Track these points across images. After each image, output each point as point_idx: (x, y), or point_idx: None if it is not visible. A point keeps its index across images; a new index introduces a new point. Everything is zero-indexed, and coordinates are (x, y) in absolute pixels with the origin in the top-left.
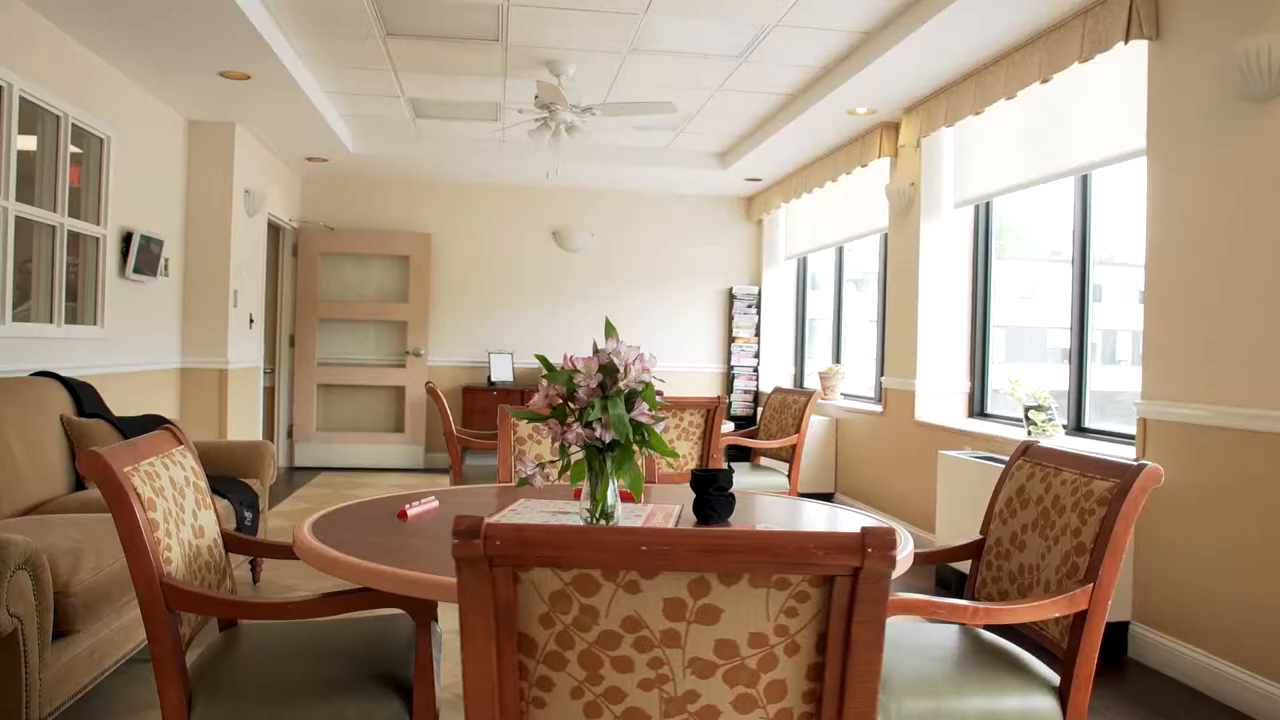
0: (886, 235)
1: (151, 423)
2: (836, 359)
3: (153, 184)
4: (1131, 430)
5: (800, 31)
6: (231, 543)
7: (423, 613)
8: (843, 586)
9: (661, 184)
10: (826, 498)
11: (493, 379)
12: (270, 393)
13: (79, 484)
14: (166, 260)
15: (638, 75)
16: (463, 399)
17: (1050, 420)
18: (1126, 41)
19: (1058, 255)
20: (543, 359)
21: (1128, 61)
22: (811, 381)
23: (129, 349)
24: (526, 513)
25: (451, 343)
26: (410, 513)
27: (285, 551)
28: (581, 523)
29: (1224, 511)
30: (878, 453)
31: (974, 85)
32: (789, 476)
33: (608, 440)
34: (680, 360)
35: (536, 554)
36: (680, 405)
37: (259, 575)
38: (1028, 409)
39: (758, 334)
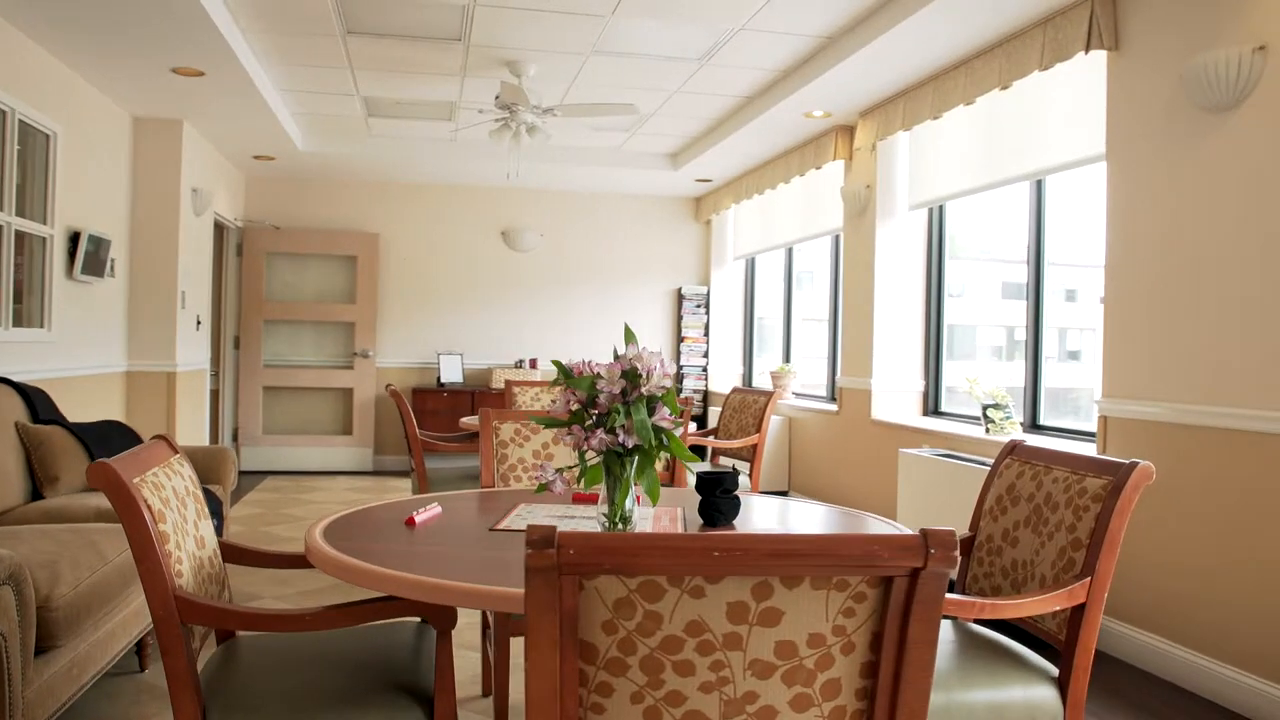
0: (838, 237)
1: (109, 429)
2: (786, 359)
3: (98, 183)
4: (1083, 426)
5: (764, 35)
6: (229, 553)
7: (444, 620)
8: (901, 586)
9: (612, 184)
10: (781, 495)
11: (442, 380)
12: (215, 396)
13: (36, 494)
14: (113, 261)
15: (598, 77)
16: (412, 401)
17: (1008, 418)
18: (1087, 51)
19: (985, 254)
20: (559, 365)
21: (1083, 70)
22: (761, 381)
23: (76, 352)
24: (531, 517)
25: (400, 344)
26: (418, 519)
27: (286, 561)
28: (599, 527)
29: (1183, 505)
30: (833, 451)
31: (933, 90)
32: (750, 475)
33: (630, 445)
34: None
35: (610, 562)
36: None
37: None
38: (985, 407)
39: (707, 334)
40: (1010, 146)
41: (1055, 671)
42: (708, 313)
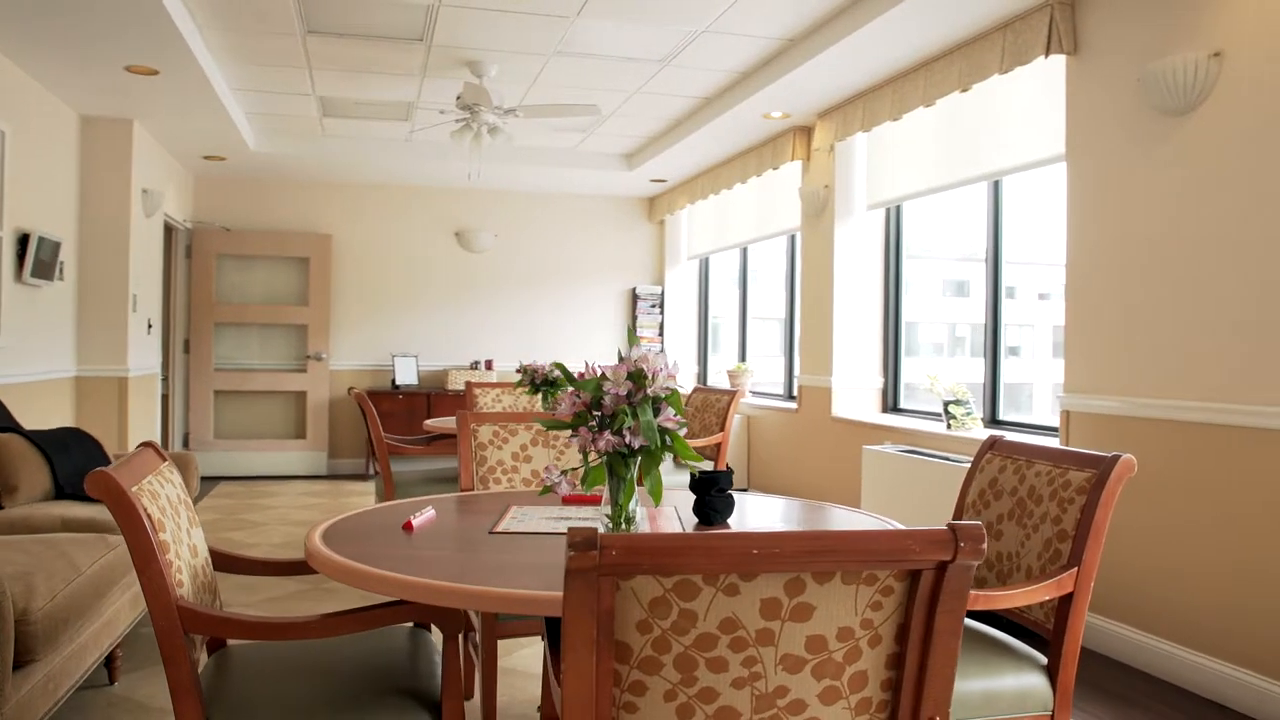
0: (794, 236)
1: (68, 436)
2: (742, 358)
3: (47, 184)
4: (1032, 421)
5: (727, 37)
6: (219, 561)
7: (452, 624)
8: (928, 579)
9: (566, 185)
10: (741, 492)
11: (397, 382)
12: (165, 400)
13: None
14: (62, 264)
15: (558, 77)
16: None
17: (969, 414)
18: (1047, 55)
19: (926, 253)
20: (561, 366)
21: (1039, 73)
22: (716, 380)
23: (24, 358)
24: (527, 519)
25: (354, 346)
26: (415, 523)
27: (275, 568)
28: (602, 528)
29: (1144, 496)
30: (794, 448)
31: (892, 92)
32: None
33: (637, 446)
34: (585, 362)
35: (650, 562)
36: None
37: None
38: (947, 403)
39: (661, 334)
40: (968, 148)
41: (1044, 660)
42: (662, 312)
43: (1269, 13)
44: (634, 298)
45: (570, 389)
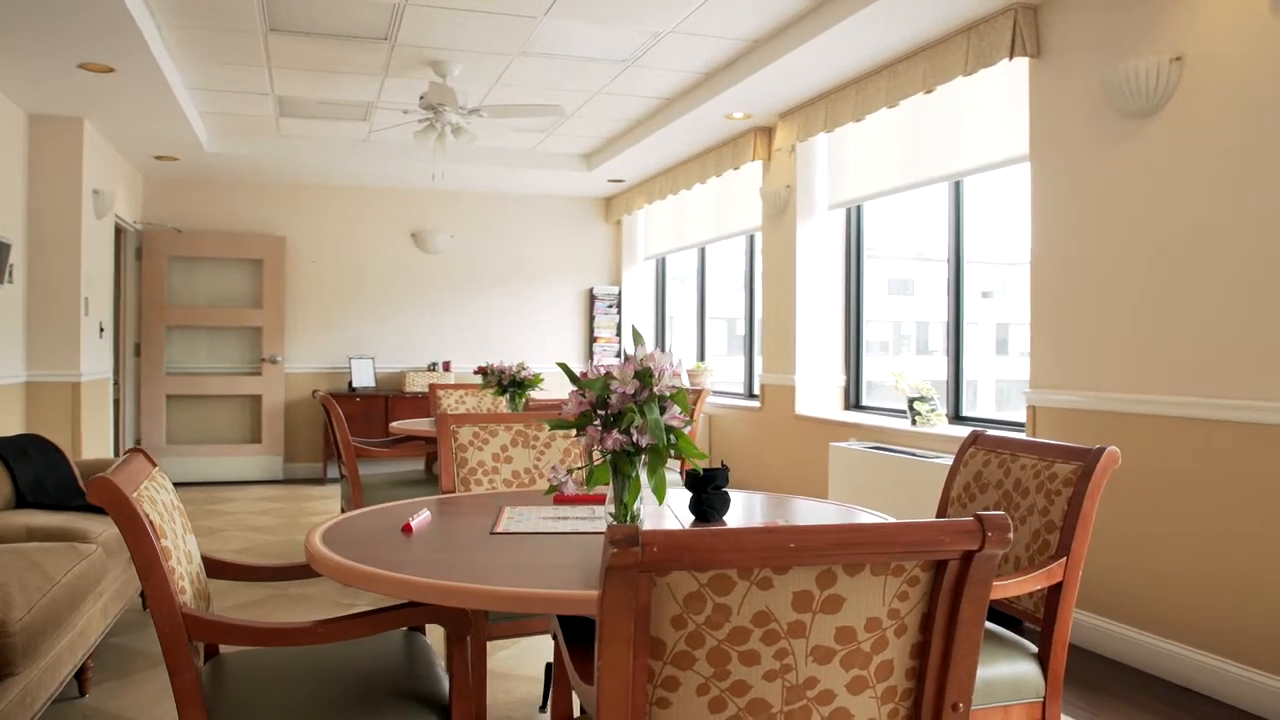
0: (753, 236)
1: (28, 442)
2: (701, 357)
3: None
4: (999, 417)
5: (692, 38)
6: (211, 568)
7: (461, 626)
8: (953, 569)
9: (523, 185)
10: None
11: (354, 385)
12: (115, 405)
13: None
14: (11, 266)
15: (521, 77)
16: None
17: (934, 410)
18: (1011, 58)
19: (870, 253)
20: (564, 366)
21: (1003, 75)
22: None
23: None
24: (525, 520)
25: (310, 349)
26: (414, 526)
27: (269, 574)
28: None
29: (1110, 487)
30: (757, 446)
31: (855, 93)
32: (680, 472)
33: (645, 445)
34: (543, 361)
35: (690, 558)
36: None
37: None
38: (912, 400)
39: (619, 334)
40: (930, 148)
41: (1034, 649)
42: (620, 312)
43: (1228, 18)
44: (591, 298)
45: (574, 389)
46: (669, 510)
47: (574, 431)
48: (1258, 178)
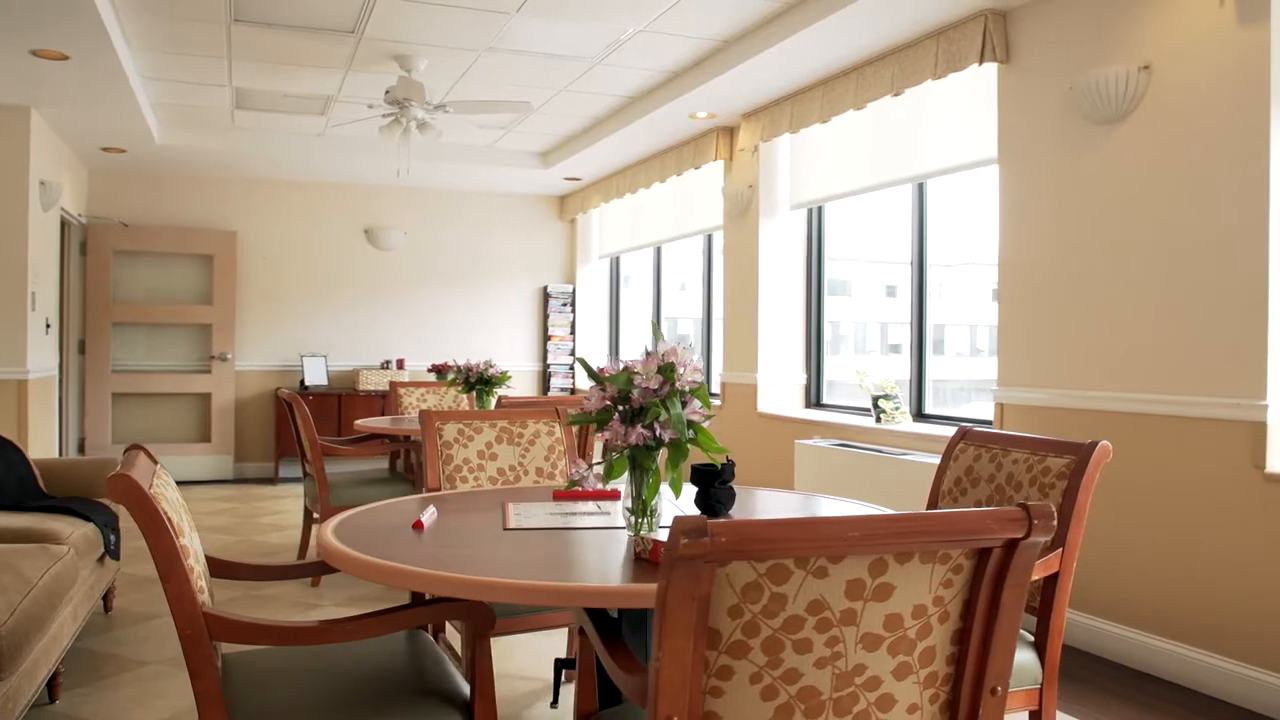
0: (712, 236)
1: None
2: None
3: None
4: (960, 415)
5: (663, 37)
6: (216, 568)
7: (484, 622)
8: (997, 556)
9: (478, 182)
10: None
11: (306, 383)
12: (59, 404)
13: None
14: None
15: (487, 73)
16: (275, 405)
17: (898, 409)
18: (981, 63)
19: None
20: (583, 362)
21: (968, 79)
22: None
23: None
24: (533, 516)
25: (261, 346)
26: (425, 522)
27: (273, 573)
28: (624, 521)
29: None
30: (720, 443)
31: (822, 94)
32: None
33: (668, 439)
34: (497, 360)
35: (758, 548)
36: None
37: (111, 605)
38: (876, 398)
39: (573, 332)
40: (895, 150)
41: (1031, 637)
42: (574, 311)
43: (1194, 29)
44: (545, 296)
45: (593, 384)
46: (676, 505)
47: (557, 429)
48: (1220, 183)
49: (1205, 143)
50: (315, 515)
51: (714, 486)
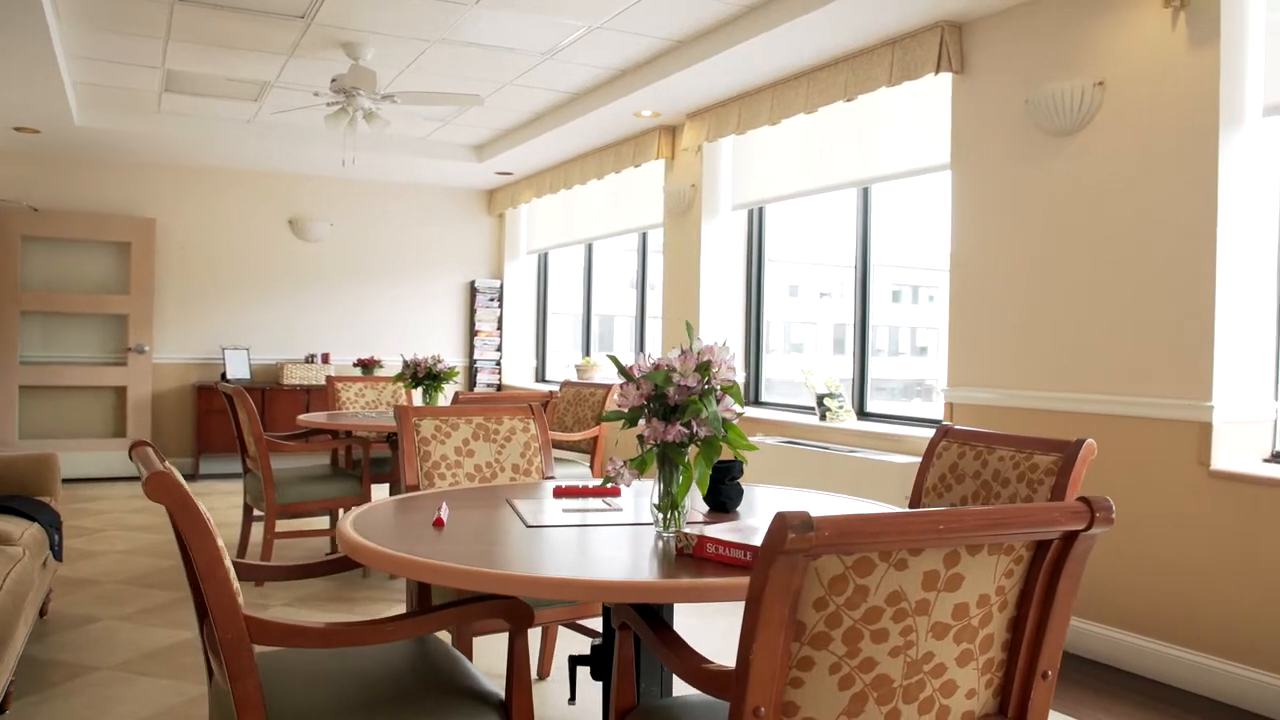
0: (646, 235)
1: None
2: (587, 352)
3: None
4: (899, 413)
5: (617, 34)
6: (238, 570)
7: (524, 620)
8: (1056, 547)
9: (407, 174)
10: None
11: (228, 376)
12: None
13: None
14: None
15: (434, 65)
16: (196, 400)
17: (843, 407)
18: (937, 73)
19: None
20: (615, 359)
21: (916, 88)
22: (557, 375)
23: None
24: (545, 513)
25: (180, 338)
26: (444, 520)
27: (297, 572)
28: (652, 519)
29: None
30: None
31: (772, 97)
32: (590, 466)
33: (704, 436)
34: (423, 354)
35: (860, 542)
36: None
37: (47, 609)
38: (821, 397)
39: (500, 327)
40: (839, 154)
41: None
42: (501, 306)
43: (1146, 47)
44: (473, 291)
45: (624, 380)
46: (689, 501)
47: (533, 425)
48: (1170, 194)
49: (1156, 156)
50: (257, 512)
51: (724, 483)
